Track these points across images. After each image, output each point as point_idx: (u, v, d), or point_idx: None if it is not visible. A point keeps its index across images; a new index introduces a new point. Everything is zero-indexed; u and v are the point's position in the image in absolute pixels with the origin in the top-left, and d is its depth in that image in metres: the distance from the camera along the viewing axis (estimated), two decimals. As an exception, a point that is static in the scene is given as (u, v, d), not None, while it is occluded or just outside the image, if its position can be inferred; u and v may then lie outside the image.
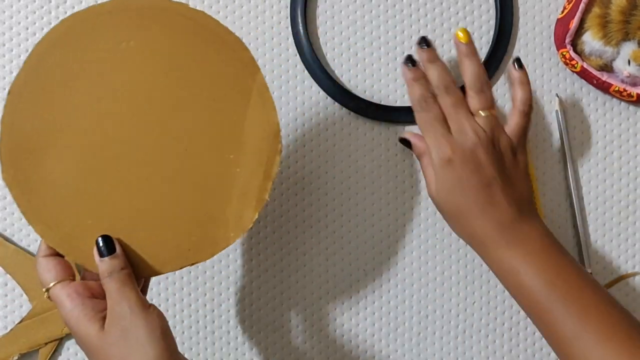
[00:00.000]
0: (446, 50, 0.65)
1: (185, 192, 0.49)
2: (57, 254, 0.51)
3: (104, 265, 0.48)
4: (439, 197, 0.56)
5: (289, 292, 0.64)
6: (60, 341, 0.63)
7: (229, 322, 0.64)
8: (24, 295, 0.62)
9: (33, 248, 0.63)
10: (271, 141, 0.50)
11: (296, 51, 0.63)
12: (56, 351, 0.63)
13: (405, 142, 0.60)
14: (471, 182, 0.55)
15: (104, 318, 0.48)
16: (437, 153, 0.56)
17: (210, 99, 0.49)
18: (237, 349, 0.64)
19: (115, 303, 0.47)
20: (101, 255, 0.48)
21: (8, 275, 0.62)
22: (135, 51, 0.49)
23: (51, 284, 0.49)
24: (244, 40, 0.50)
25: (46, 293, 0.49)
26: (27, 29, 0.63)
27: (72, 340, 0.63)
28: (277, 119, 0.50)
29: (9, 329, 0.62)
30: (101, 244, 0.48)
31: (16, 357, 0.61)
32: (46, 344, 0.62)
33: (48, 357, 0.62)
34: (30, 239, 0.63)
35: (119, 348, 0.46)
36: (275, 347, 0.64)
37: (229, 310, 0.64)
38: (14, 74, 0.63)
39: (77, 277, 0.51)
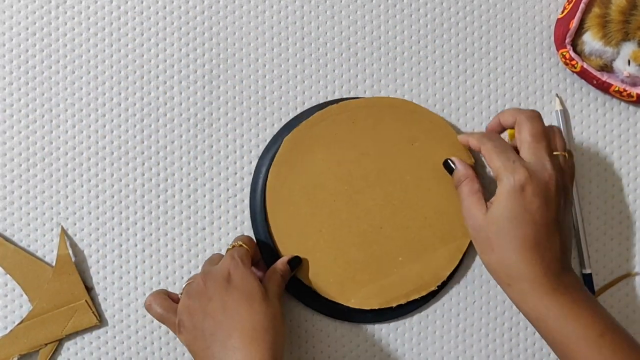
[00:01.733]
0: (446, 50, 0.65)
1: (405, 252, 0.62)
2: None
3: (284, 266, 0.60)
4: (494, 224, 0.54)
5: (289, 292, 0.64)
6: (60, 342, 0.63)
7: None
8: (24, 295, 0.62)
9: (33, 248, 0.63)
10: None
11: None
12: (56, 352, 0.63)
13: (448, 167, 0.59)
14: (535, 217, 0.53)
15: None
16: (511, 177, 0.53)
17: (437, 177, 0.61)
18: (237, 349, 0.64)
19: (277, 293, 0.58)
20: (291, 266, 0.61)
21: (8, 275, 0.62)
22: (383, 137, 0.62)
23: (238, 243, 0.60)
24: None
25: (234, 243, 0.60)
26: (27, 29, 0.63)
27: (72, 341, 0.63)
28: None
29: (9, 330, 0.62)
30: (296, 262, 0.61)
31: (16, 358, 0.61)
32: (46, 344, 0.62)
33: (48, 358, 0.62)
34: (30, 239, 0.63)
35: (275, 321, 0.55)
36: (276, 347, 0.64)
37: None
38: (14, 74, 0.63)
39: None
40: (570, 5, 0.63)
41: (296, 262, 0.61)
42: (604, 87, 0.63)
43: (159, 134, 0.64)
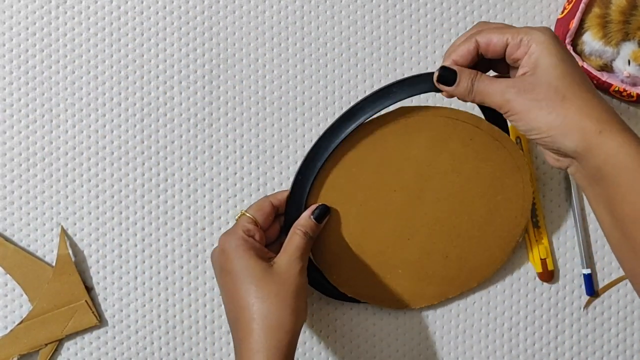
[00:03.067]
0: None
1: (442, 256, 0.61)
2: (277, 212, 0.58)
3: (308, 222, 0.56)
4: (553, 70, 0.47)
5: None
6: (60, 342, 0.63)
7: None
8: (24, 295, 0.62)
9: (33, 248, 0.63)
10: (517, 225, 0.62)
11: None
12: (56, 352, 0.63)
13: (446, 76, 0.51)
14: (574, 60, 0.49)
15: (265, 260, 0.54)
16: (542, 29, 0.49)
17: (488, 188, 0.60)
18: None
19: (294, 255, 0.54)
20: (315, 217, 0.56)
21: (8, 275, 0.62)
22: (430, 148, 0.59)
23: (249, 214, 0.56)
24: None
25: (242, 212, 0.57)
26: (27, 29, 0.63)
27: (72, 341, 0.63)
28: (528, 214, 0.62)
29: (9, 329, 0.62)
30: (317, 210, 0.56)
31: (16, 358, 0.61)
32: (46, 344, 0.62)
33: (48, 358, 0.62)
34: (30, 239, 0.63)
35: (285, 288, 0.53)
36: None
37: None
38: (14, 74, 0.63)
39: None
40: (570, 5, 0.63)
41: (323, 213, 0.57)
42: (604, 87, 0.63)
43: (159, 134, 0.64)
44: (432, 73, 0.53)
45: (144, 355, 0.64)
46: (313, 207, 0.57)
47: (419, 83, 0.55)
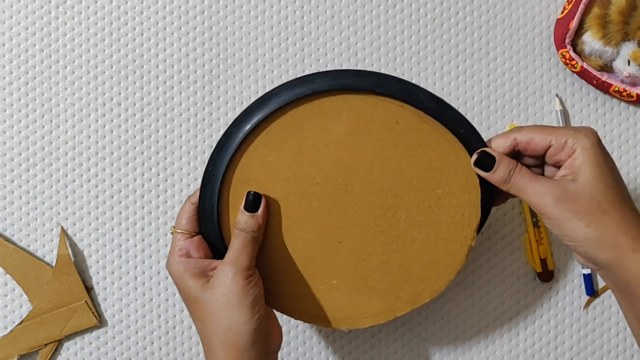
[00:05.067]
0: (446, 51, 0.65)
1: (395, 252, 0.53)
2: None
3: (241, 217, 0.51)
4: (595, 184, 0.47)
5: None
6: (59, 342, 0.63)
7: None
8: (24, 295, 0.62)
9: (33, 248, 0.63)
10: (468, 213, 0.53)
11: None
12: (56, 352, 0.63)
13: (484, 162, 0.50)
14: (616, 169, 0.49)
15: (205, 275, 0.51)
16: (587, 133, 0.48)
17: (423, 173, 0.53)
18: (237, 349, 0.64)
19: (228, 259, 0.50)
20: (246, 208, 0.51)
21: (8, 275, 0.62)
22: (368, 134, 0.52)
23: (179, 230, 0.52)
24: None
25: (172, 229, 0.53)
26: (27, 29, 0.63)
27: (72, 341, 0.63)
28: (478, 198, 0.53)
29: (8, 330, 0.62)
30: (250, 198, 0.51)
31: (16, 358, 0.61)
32: (46, 345, 0.62)
33: (48, 358, 0.62)
34: (30, 239, 0.63)
35: (217, 304, 0.49)
36: (276, 348, 0.64)
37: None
38: (14, 74, 0.63)
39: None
40: (570, 5, 0.63)
41: (253, 201, 0.51)
42: (604, 87, 0.63)
43: (158, 134, 0.64)
44: (360, 70, 0.51)
45: (143, 355, 0.63)
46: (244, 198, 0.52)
47: (344, 78, 0.51)
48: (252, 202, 0.51)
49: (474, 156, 0.50)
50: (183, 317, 0.64)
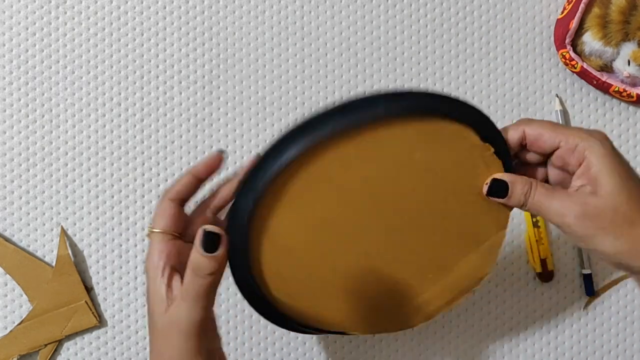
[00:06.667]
0: (446, 51, 0.65)
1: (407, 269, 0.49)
2: (183, 204, 0.47)
3: (194, 258, 0.43)
4: (619, 194, 0.43)
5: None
6: (59, 342, 0.63)
7: (228, 322, 0.64)
8: (24, 295, 0.62)
9: (33, 248, 0.63)
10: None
11: None
12: (56, 352, 0.63)
13: (497, 190, 0.47)
14: (634, 173, 0.45)
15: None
16: (601, 138, 0.45)
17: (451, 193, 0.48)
18: (236, 349, 0.64)
19: (181, 295, 0.44)
20: (202, 247, 0.42)
21: (8, 275, 0.62)
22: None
23: (155, 230, 0.45)
24: None
25: (147, 231, 0.47)
26: (27, 29, 0.63)
27: (72, 341, 0.63)
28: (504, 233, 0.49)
29: (8, 330, 0.62)
30: (204, 238, 0.42)
31: (16, 358, 0.61)
32: (46, 345, 0.62)
33: (48, 358, 0.62)
34: (30, 239, 0.63)
35: (169, 347, 0.44)
36: (275, 348, 0.64)
37: (228, 311, 0.64)
38: (14, 74, 0.63)
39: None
40: (570, 5, 0.63)
41: (209, 241, 0.42)
42: (604, 88, 0.63)
43: (159, 134, 0.64)
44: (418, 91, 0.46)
45: (143, 355, 0.63)
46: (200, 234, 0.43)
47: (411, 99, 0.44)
48: (209, 242, 0.42)
49: (485, 186, 0.47)
50: (183, 317, 0.64)
